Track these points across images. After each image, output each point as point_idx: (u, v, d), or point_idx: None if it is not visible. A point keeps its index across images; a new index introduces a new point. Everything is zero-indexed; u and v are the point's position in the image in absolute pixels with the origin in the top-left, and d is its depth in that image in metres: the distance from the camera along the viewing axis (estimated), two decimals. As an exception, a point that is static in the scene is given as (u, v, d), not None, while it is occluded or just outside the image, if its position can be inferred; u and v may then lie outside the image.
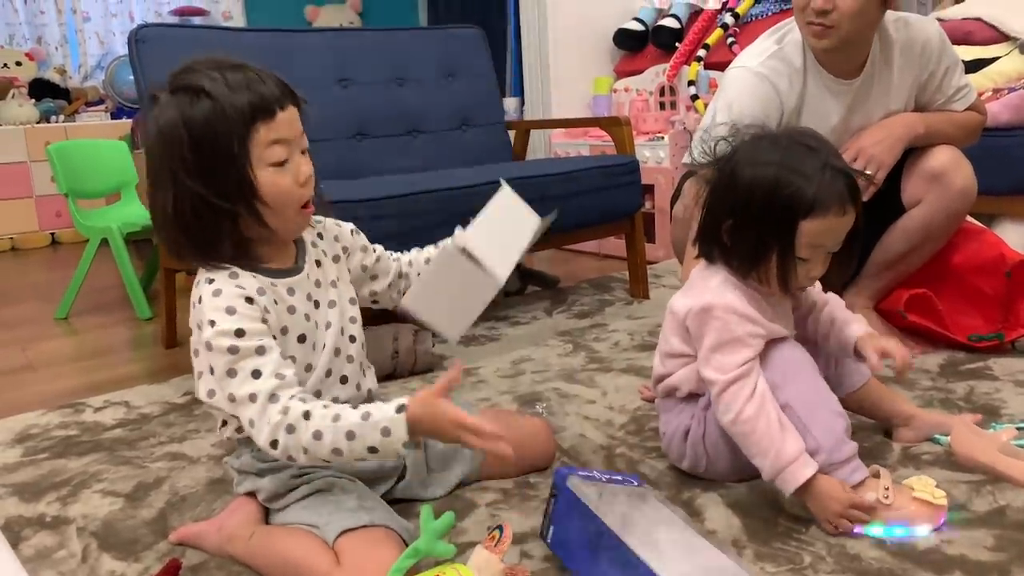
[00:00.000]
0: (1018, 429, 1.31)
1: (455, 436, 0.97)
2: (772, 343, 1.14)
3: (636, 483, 1.03)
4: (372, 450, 0.97)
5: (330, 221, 1.19)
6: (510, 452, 0.97)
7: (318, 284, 1.13)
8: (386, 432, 0.96)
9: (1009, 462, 1.16)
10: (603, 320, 2.19)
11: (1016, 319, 1.71)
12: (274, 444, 0.97)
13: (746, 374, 1.09)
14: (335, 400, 1.08)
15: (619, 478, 1.03)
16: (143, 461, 1.43)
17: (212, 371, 1.01)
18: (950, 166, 1.65)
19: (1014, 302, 1.72)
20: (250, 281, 1.04)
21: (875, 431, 1.34)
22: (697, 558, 0.90)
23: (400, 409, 0.97)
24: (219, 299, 1.01)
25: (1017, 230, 2.22)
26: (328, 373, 1.11)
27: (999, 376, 1.57)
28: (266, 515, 1.12)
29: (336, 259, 1.17)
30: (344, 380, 1.14)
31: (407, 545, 0.95)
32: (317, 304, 1.11)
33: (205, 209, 0.99)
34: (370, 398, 1.17)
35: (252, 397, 0.98)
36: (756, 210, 1.07)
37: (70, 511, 1.25)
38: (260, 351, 0.99)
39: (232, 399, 0.99)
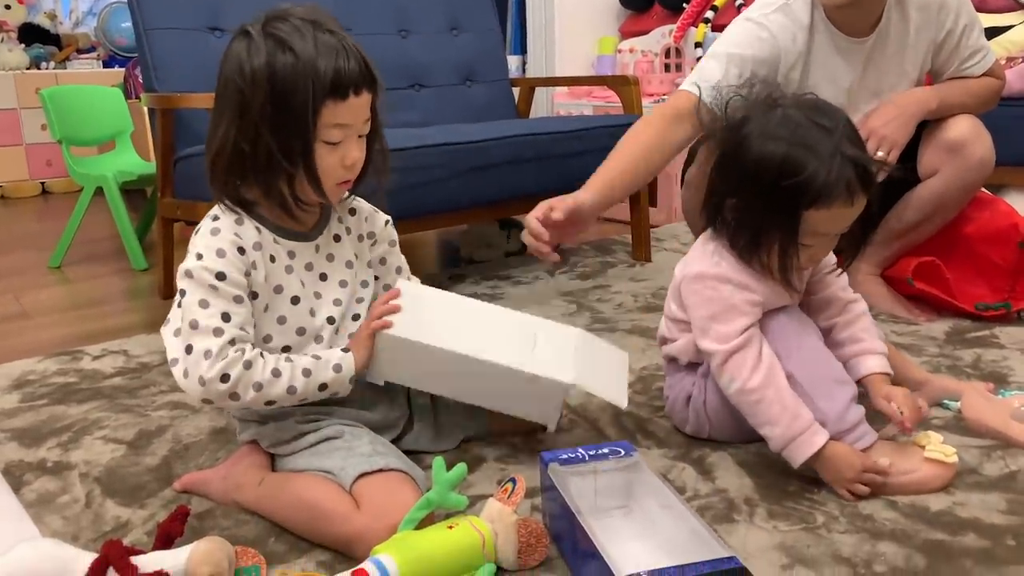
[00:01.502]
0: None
1: (368, 333, 1.07)
2: (771, 312, 1.11)
3: (625, 452, 0.99)
4: (323, 387, 1.04)
5: (367, 205, 1.19)
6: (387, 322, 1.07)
7: (330, 258, 1.12)
8: (337, 368, 1.04)
9: (1020, 428, 1.16)
10: (606, 281, 2.17)
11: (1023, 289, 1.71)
12: (224, 378, 0.98)
13: (747, 342, 1.07)
14: None
15: (606, 451, 0.99)
16: (144, 409, 1.41)
17: (179, 300, 1.00)
18: (970, 137, 1.63)
19: (1023, 272, 1.71)
20: (251, 232, 1.04)
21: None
22: (680, 528, 0.88)
23: (345, 350, 1.07)
24: (214, 238, 1.02)
25: (1020, 200, 2.21)
26: (319, 341, 1.10)
27: (1005, 344, 1.57)
28: (272, 463, 1.10)
29: (360, 239, 1.17)
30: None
31: (422, 491, 0.94)
32: (323, 276, 1.11)
33: (264, 157, 0.99)
34: None
35: (216, 331, 0.98)
36: (761, 193, 1.04)
37: (72, 457, 1.23)
38: (237, 299, 1.01)
39: (194, 325, 0.98)
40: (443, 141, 1.88)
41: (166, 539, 0.92)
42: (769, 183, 1.03)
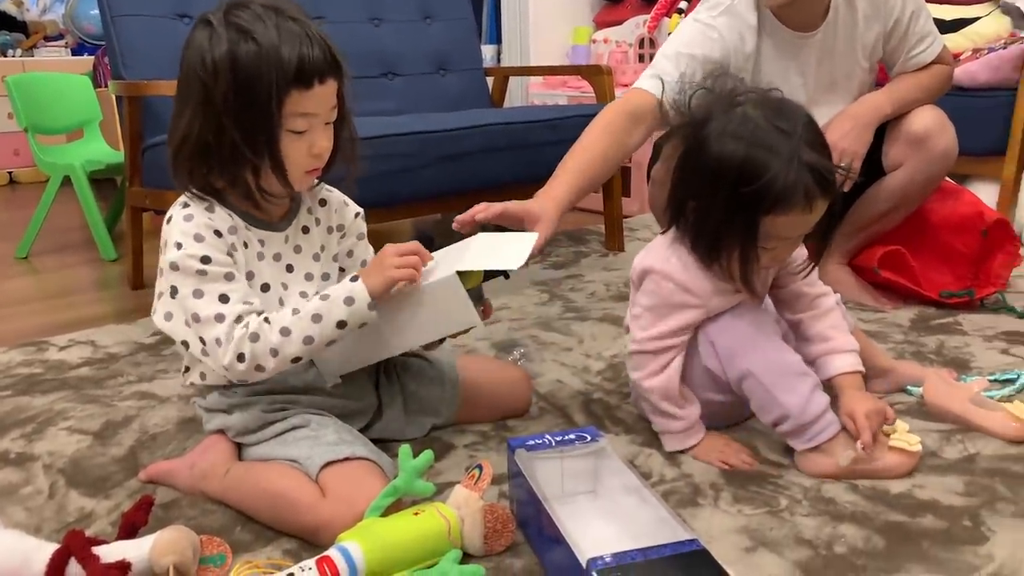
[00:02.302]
0: (990, 382, 1.33)
1: (399, 267, 1.01)
2: (729, 310, 1.12)
3: (592, 437, 1.00)
4: (341, 324, 0.99)
5: (338, 194, 1.17)
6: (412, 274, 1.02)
7: (297, 250, 1.11)
8: (349, 301, 0.99)
9: (980, 412, 1.18)
10: (579, 271, 2.18)
11: (987, 277, 1.74)
12: (240, 358, 0.97)
13: (663, 350, 1.11)
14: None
15: (572, 436, 1.00)
16: (111, 400, 1.39)
17: (173, 293, 0.99)
18: (934, 129, 1.64)
19: (987, 260, 1.75)
20: (224, 217, 1.03)
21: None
22: (646, 513, 0.89)
23: (354, 279, 1.01)
24: (189, 224, 1.01)
25: (991, 191, 2.25)
26: None
27: (968, 331, 1.60)
28: (239, 453, 1.10)
29: (329, 231, 1.15)
30: None
31: (389, 479, 0.94)
32: (290, 268, 1.10)
33: (228, 148, 0.98)
34: None
35: (219, 317, 0.97)
36: (720, 197, 1.03)
37: (36, 448, 1.22)
38: (229, 277, 1.00)
39: (196, 319, 0.98)
40: (415, 129, 1.87)
41: (130, 529, 0.91)
42: (728, 187, 1.02)
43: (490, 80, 2.69)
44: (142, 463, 1.16)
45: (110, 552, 0.85)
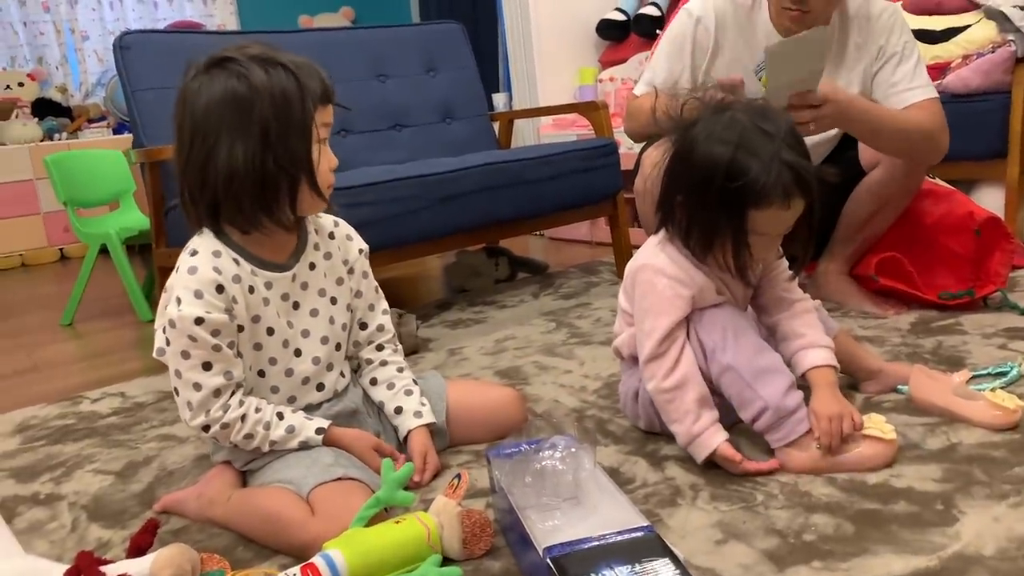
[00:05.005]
0: (984, 376, 1.34)
1: (369, 457, 1.14)
2: (710, 309, 1.16)
3: (567, 444, 1.01)
4: (302, 445, 1.13)
5: (344, 227, 1.25)
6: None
7: (304, 287, 1.17)
8: (303, 446, 1.12)
9: (962, 403, 1.19)
10: (588, 300, 2.23)
11: (987, 276, 1.74)
12: (205, 428, 1.09)
13: (670, 347, 1.14)
14: (308, 407, 1.17)
15: (548, 444, 1.02)
16: (135, 443, 1.48)
17: (168, 342, 1.07)
18: None
19: (985, 259, 1.75)
20: (229, 265, 1.09)
21: (842, 383, 1.36)
22: (619, 514, 0.92)
23: (319, 431, 1.13)
24: (192, 277, 1.06)
25: (993, 194, 2.24)
26: (305, 380, 1.17)
27: (968, 331, 1.60)
28: (244, 481, 1.17)
29: (335, 262, 1.21)
30: (320, 387, 1.19)
31: (374, 495, 1.00)
32: (296, 305, 1.16)
33: (272, 168, 1.04)
34: (342, 393, 1.22)
35: (196, 386, 1.07)
36: (711, 192, 1.09)
37: (63, 489, 1.31)
38: (216, 348, 1.07)
39: (178, 375, 1.07)
40: (414, 173, 1.97)
41: (136, 551, 0.99)
42: (717, 186, 1.08)
43: (497, 125, 2.79)
44: (158, 496, 1.23)
45: (115, 569, 0.91)
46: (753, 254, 1.13)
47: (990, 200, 2.19)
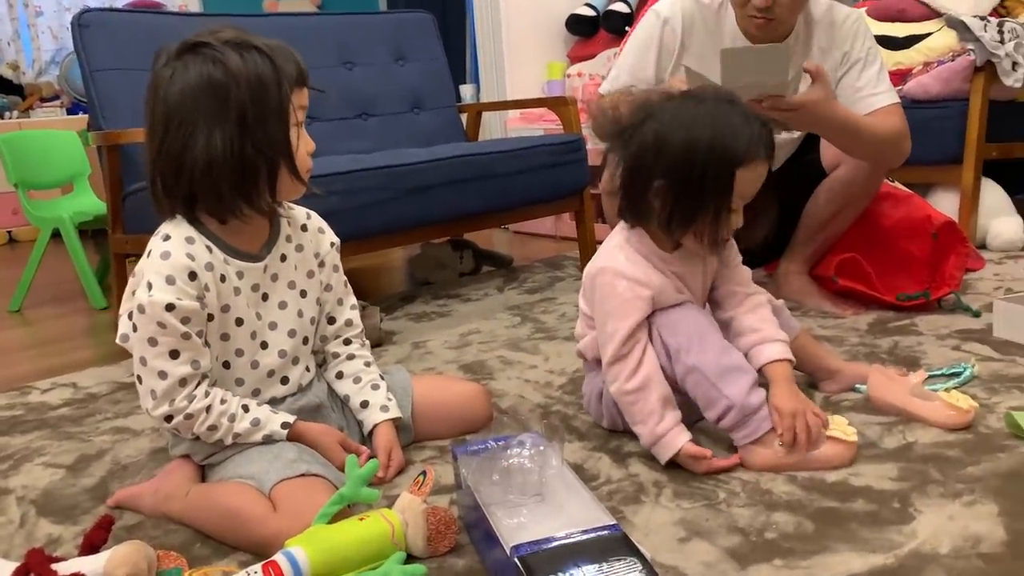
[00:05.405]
0: (938, 376, 1.37)
1: (335, 452, 1.12)
2: (673, 309, 1.17)
3: (533, 441, 1.01)
4: (266, 439, 1.10)
5: (317, 220, 1.24)
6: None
7: (274, 278, 1.15)
8: (268, 440, 1.10)
9: (919, 403, 1.22)
10: (552, 295, 2.23)
11: (942, 279, 1.78)
12: (168, 418, 1.06)
13: (632, 348, 1.14)
14: (272, 400, 1.15)
15: (514, 441, 1.02)
16: (87, 435, 1.44)
17: (135, 328, 1.03)
18: None
19: (941, 262, 1.79)
20: (203, 252, 1.07)
21: (801, 382, 1.38)
22: (585, 511, 0.92)
23: (285, 426, 1.11)
24: (164, 263, 1.04)
25: (948, 198, 2.30)
26: (271, 373, 1.15)
27: (923, 331, 1.63)
28: (202, 476, 1.14)
29: (307, 254, 1.19)
30: (285, 380, 1.17)
31: (338, 492, 0.98)
32: (265, 297, 1.14)
33: (250, 153, 1.02)
34: (306, 388, 1.20)
35: (162, 374, 1.04)
36: (697, 168, 1.09)
37: (11, 483, 1.26)
38: (185, 336, 1.04)
39: (143, 362, 1.04)
40: (381, 164, 1.94)
41: (90, 548, 0.95)
42: (704, 159, 1.08)
43: (465, 117, 2.77)
44: (111, 491, 1.20)
45: (68, 567, 0.89)
46: (730, 224, 1.14)
47: (945, 204, 2.25)
